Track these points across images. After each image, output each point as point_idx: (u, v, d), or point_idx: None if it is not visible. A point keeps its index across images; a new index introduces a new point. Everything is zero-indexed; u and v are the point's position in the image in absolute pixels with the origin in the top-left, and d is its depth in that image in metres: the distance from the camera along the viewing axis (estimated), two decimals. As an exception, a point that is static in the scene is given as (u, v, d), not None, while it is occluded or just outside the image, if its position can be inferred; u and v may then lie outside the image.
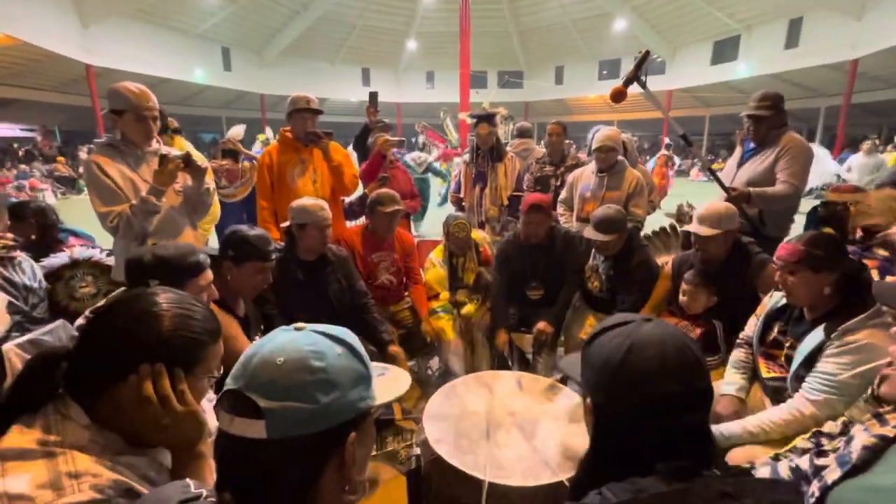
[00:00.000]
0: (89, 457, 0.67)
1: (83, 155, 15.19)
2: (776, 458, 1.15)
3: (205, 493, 0.58)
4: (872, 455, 0.81)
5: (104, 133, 12.42)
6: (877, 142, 6.61)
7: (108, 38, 13.80)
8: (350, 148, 3.46)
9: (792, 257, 1.37)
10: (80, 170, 14.27)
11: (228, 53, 18.98)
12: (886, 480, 0.75)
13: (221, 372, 0.91)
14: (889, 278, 1.35)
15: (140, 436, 0.74)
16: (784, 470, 1.03)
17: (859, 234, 2.13)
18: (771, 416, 1.34)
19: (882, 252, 1.51)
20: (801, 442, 1.15)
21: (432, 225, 2.77)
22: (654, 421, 0.63)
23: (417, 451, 1.37)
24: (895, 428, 0.82)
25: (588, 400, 0.71)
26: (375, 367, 0.68)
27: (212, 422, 0.88)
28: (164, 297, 0.78)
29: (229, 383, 0.56)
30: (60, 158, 14.94)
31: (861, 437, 0.86)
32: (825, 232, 1.35)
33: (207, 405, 0.87)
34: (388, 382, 0.67)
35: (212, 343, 0.80)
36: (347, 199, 3.08)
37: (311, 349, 0.56)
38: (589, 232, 2.22)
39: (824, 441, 1.08)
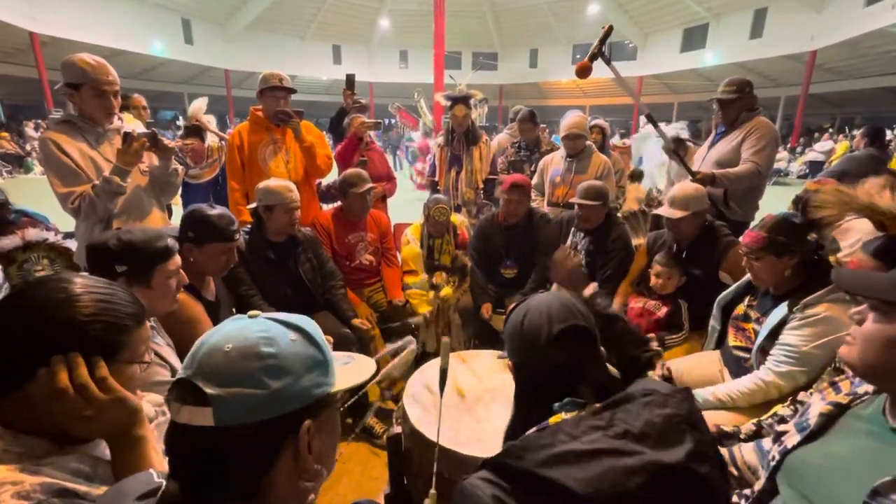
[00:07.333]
0: (5, 466, 0.61)
1: (30, 131, 14.14)
2: (759, 424, 1.20)
3: (164, 483, 0.56)
4: (828, 421, 0.85)
5: (53, 107, 11.62)
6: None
7: (56, 5, 12.79)
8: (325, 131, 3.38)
9: (757, 244, 1.44)
10: (28, 147, 13.31)
11: (189, 25, 17.91)
12: (840, 446, 0.81)
13: (152, 357, 0.87)
14: None
15: (65, 432, 0.69)
16: (767, 442, 1.07)
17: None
18: (738, 385, 1.43)
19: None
20: (781, 409, 1.21)
21: (407, 209, 2.73)
22: (550, 360, 0.79)
23: (398, 429, 1.40)
24: (847, 395, 0.87)
25: (510, 363, 0.89)
26: (341, 356, 0.67)
27: (148, 407, 0.85)
28: (77, 282, 0.72)
29: (180, 372, 0.54)
30: (4, 134, 13.83)
31: (818, 405, 0.90)
32: (787, 215, 1.42)
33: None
34: (353, 370, 0.66)
35: (135, 327, 0.76)
36: (324, 183, 3.02)
37: (261, 335, 0.54)
38: (577, 200, 2.30)
39: (801, 408, 1.13)
